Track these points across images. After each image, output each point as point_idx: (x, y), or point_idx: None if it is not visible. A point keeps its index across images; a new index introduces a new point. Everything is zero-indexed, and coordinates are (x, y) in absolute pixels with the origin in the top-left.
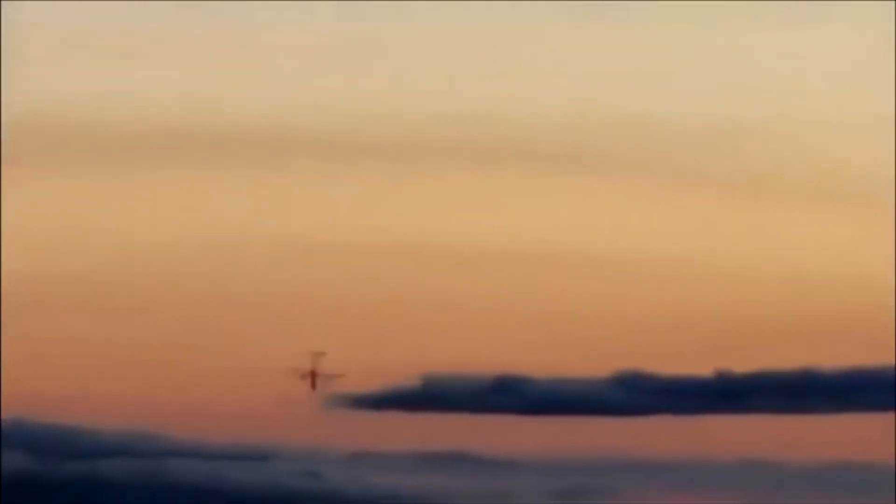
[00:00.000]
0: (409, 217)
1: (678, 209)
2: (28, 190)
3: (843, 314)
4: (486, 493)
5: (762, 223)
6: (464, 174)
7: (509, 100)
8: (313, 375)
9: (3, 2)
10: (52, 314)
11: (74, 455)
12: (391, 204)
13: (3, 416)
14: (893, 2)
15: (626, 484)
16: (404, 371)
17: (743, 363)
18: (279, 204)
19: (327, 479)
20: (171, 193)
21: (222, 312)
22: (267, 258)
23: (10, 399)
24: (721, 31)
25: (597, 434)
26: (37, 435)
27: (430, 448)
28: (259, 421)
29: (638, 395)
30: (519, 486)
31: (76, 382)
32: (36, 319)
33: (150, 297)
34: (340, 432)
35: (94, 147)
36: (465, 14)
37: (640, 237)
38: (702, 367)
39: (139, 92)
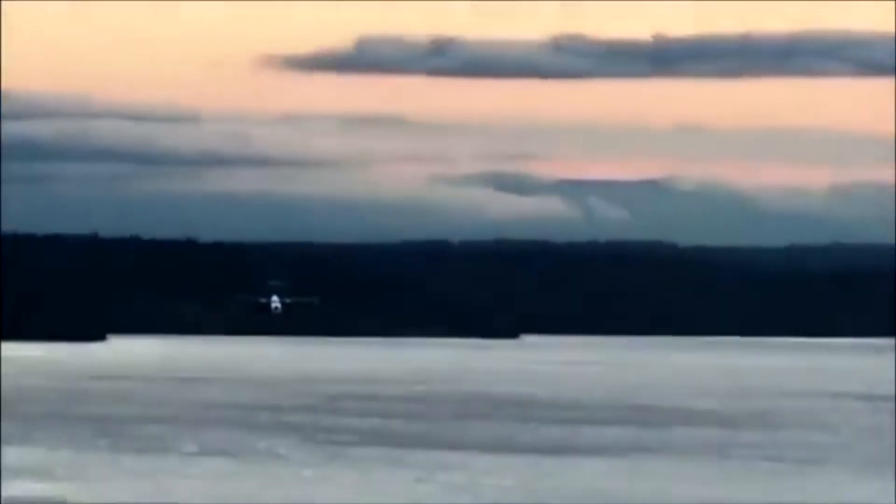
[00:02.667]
0: None
1: None
2: None
3: None
4: (417, 156)
5: None
6: None
7: None
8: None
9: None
10: None
11: (5, 116)
12: None
13: None
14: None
15: (560, 148)
16: (337, 32)
17: (681, 27)
18: None
19: (256, 141)
20: None
21: None
22: None
23: None
24: None
25: (532, 98)
26: None
27: (363, 111)
28: (189, 83)
29: (574, 58)
30: (452, 150)
31: (9, 44)
32: None
33: None
34: (270, 95)
35: None
36: None
37: None
38: (639, 30)
39: None
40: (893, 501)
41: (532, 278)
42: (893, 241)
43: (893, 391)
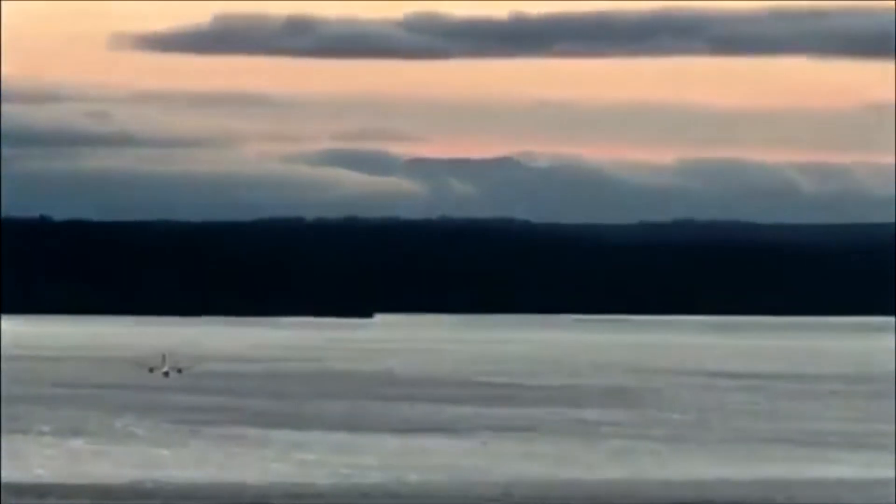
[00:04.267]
0: None
1: None
2: None
3: None
4: (273, 134)
5: None
6: None
7: None
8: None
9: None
10: None
11: None
12: None
13: None
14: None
15: (416, 127)
16: (193, 10)
17: (539, 5)
18: None
19: (114, 120)
20: None
21: None
22: None
23: None
24: None
25: (389, 77)
26: None
27: (220, 90)
28: (46, 62)
29: (431, 37)
30: (308, 129)
31: None
32: None
33: None
34: (128, 73)
35: None
36: None
37: None
38: (497, 9)
39: None
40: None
41: (385, 256)
42: (740, 218)
43: (744, 369)
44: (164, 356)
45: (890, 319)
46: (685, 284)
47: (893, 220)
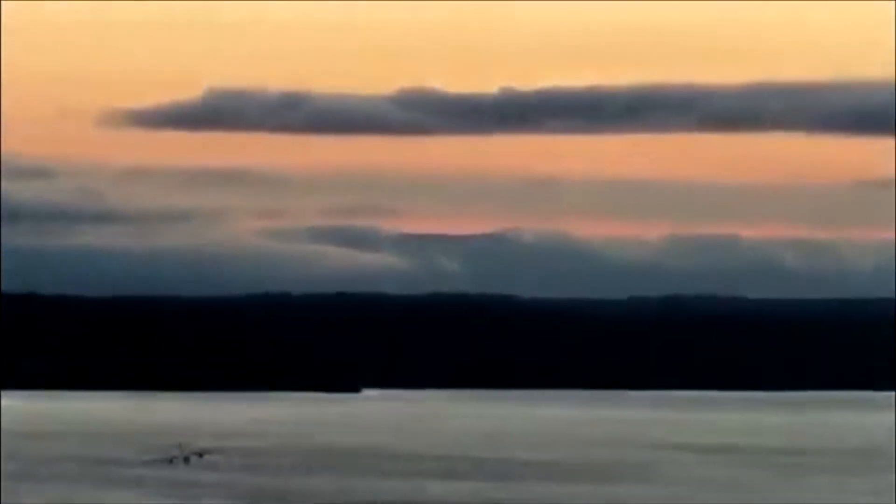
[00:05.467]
0: None
1: None
2: None
3: (630, 30)
4: (263, 211)
5: None
6: None
7: None
8: (183, 456)
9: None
10: None
11: None
12: None
13: None
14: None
15: (406, 203)
16: (184, 86)
17: (528, 81)
18: None
19: (104, 196)
20: None
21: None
22: None
23: None
24: None
25: (379, 153)
26: None
27: (210, 166)
28: (35, 137)
29: (422, 113)
30: (298, 205)
31: None
32: None
33: None
34: (117, 149)
35: None
36: None
37: None
38: (487, 85)
39: None
40: None
41: (372, 332)
42: (732, 293)
43: (735, 443)
44: (180, 445)
45: (887, 394)
46: (675, 359)
47: (893, 296)
